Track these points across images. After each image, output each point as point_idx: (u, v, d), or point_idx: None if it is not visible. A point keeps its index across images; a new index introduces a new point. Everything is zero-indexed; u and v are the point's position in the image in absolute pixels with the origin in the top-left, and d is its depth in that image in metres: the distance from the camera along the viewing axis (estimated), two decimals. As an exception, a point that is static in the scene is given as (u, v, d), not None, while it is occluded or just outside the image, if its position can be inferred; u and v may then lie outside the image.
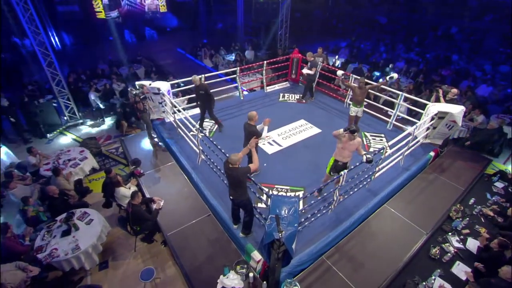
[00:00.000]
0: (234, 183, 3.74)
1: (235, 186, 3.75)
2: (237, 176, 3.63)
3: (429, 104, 6.01)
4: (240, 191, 3.76)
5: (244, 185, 3.74)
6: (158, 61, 11.74)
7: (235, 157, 3.61)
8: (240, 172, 3.63)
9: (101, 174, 6.57)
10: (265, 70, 8.57)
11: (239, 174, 3.63)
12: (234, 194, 3.81)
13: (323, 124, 7.07)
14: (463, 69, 11.21)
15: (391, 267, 4.04)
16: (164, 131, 6.79)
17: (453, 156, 6.40)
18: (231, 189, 3.83)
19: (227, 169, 3.69)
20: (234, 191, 3.80)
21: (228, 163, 3.65)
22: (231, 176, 3.68)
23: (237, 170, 3.63)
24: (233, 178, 3.68)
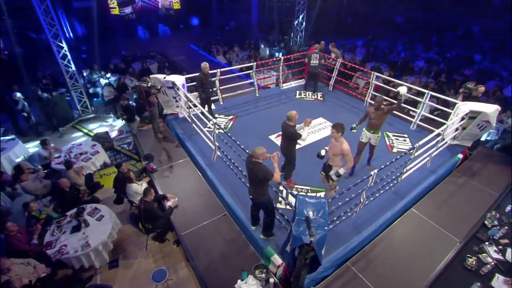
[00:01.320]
0: (254, 180, 3.47)
1: (255, 184, 3.49)
2: (257, 172, 3.36)
3: (459, 103, 5.61)
4: (260, 190, 3.49)
5: (264, 185, 3.47)
6: (171, 57, 11.61)
7: (259, 150, 3.35)
8: (261, 169, 3.36)
9: (112, 169, 6.42)
10: (281, 66, 8.31)
11: (260, 171, 3.35)
12: (254, 193, 3.55)
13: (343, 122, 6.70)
14: (488, 69, 10.67)
15: (423, 277, 3.69)
16: (177, 127, 6.59)
17: (483, 159, 5.97)
18: (251, 187, 3.57)
19: (249, 162, 3.43)
20: (254, 190, 3.53)
21: (251, 157, 3.40)
22: (252, 171, 3.41)
23: (259, 166, 3.36)
24: (254, 174, 3.41)
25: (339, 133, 3.82)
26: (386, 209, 4.51)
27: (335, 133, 3.83)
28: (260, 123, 6.74)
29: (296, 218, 2.86)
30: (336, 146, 3.88)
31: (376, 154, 5.79)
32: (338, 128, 3.82)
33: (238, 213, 4.37)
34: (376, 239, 4.20)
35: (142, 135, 6.69)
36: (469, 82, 5.77)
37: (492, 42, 13.93)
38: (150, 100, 5.94)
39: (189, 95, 5.80)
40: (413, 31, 15.87)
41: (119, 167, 5.06)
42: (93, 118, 8.47)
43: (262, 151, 3.35)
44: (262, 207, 3.66)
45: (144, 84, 5.79)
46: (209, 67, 6.30)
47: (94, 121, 8.38)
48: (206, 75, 6.33)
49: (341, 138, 3.86)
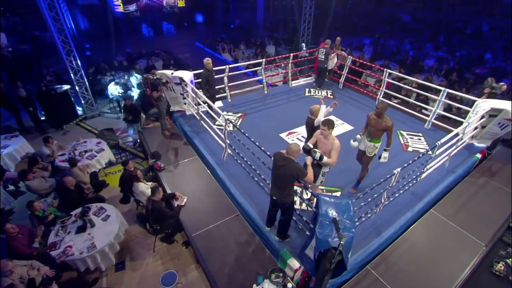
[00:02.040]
0: (282, 179, 3.24)
1: (282, 184, 3.26)
2: (288, 170, 3.15)
3: (479, 100, 5.40)
4: (286, 191, 3.26)
5: (292, 185, 3.27)
6: (176, 54, 11.45)
7: (295, 146, 3.15)
8: (294, 167, 3.15)
9: (118, 167, 6.24)
10: (290, 63, 8.12)
11: (292, 169, 3.14)
12: (279, 195, 3.30)
13: (355, 121, 6.52)
14: (500, 67, 10.44)
15: (448, 283, 3.49)
16: (185, 124, 6.40)
17: (502, 158, 5.74)
18: (276, 187, 3.32)
19: (280, 159, 3.21)
20: (280, 191, 3.28)
21: (280, 153, 3.21)
22: (282, 168, 3.18)
23: (291, 163, 3.15)
24: (283, 172, 3.18)
25: (330, 129, 3.61)
26: (405, 209, 4.32)
27: (326, 130, 3.59)
28: (269, 121, 6.55)
29: (320, 220, 2.67)
30: (327, 144, 3.66)
31: (391, 153, 5.59)
32: (329, 125, 3.60)
33: (252, 213, 4.18)
34: (396, 242, 3.99)
35: (148, 132, 6.50)
36: (490, 80, 5.53)
37: (502, 41, 13.69)
38: (154, 95, 5.75)
39: (198, 91, 5.61)
40: (420, 30, 15.63)
41: (126, 164, 4.88)
42: (98, 115, 8.30)
43: (298, 148, 3.16)
44: (283, 209, 3.44)
45: (151, 76, 5.61)
46: (212, 63, 6.15)
47: (99, 119, 8.21)
48: (210, 71, 6.17)
49: (332, 135, 3.67)
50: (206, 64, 6.11)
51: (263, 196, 4.42)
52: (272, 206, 3.58)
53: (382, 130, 4.09)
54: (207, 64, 6.11)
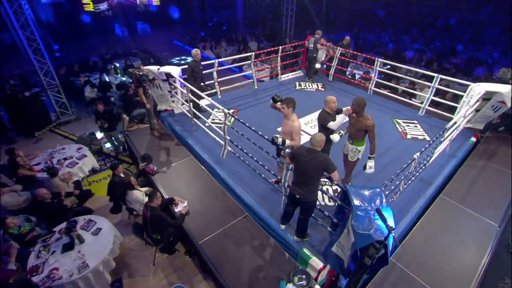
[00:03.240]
0: (309, 175, 2.95)
1: (309, 180, 2.97)
2: (318, 162, 2.88)
3: (472, 84, 5.47)
4: (312, 187, 2.99)
5: (319, 180, 3.00)
6: (155, 53, 10.83)
7: (320, 137, 2.89)
8: (323, 159, 2.89)
9: (103, 174, 5.67)
10: (279, 57, 7.90)
11: (322, 160, 2.88)
12: (304, 193, 3.00)
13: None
14: (474, 56, 10.95)
15: (473, 266, 3.40)
16: (175, 124, 5.94)
17: (494, 141, 5.88)
18: (301, 185, 3.01)
19: (303, 153, 2.93)
20: (305, 188, 2.99)
21: (302, 147, 2.97)
22: (310, 162, 2.90)
23: (319, 156, 2.89)
24: (312, 165, 2.89)
25: (289, 108, 3.45)
26: (417, 197, 4.22)
27: (286, 109, 3.44)
28: (263, 116, 6.25)
29: (354, 213, 2.41)
30: (287, 124, 3.51)
31: (390, 142, 5.54)
32: (288, 103, 3.44)
33: (262, 213, 3.86)
34: (414, 231, 3.86)
35: (135, 135, 5.96)
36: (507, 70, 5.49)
37: (470, 34, 14.47)
38: (139, 92, 5.25)
39: (189, 85, 5.19)
40: (395, 24, 16.15)
41: (115, 169, 4.37)
42: (75, 120, 7.55)
43: (323, 138, 2.90)
44: (306, 208, 3.14)
45: (138, 71, 5.12)
46: (200, 54, 5.80)
47: (76, 124, 7.46)
48: (197, 62, 5.80)
49: (293, 115, 3.49)
50: (194, 55, 5.72)
51: (272, 193, 4.14)
52: (291, 203, 3.28)
53: (363, 131, 3.55)
54: (195, 55, 5.72)
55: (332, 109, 3.81)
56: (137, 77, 5.17)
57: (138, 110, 7.04)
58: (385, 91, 7.44)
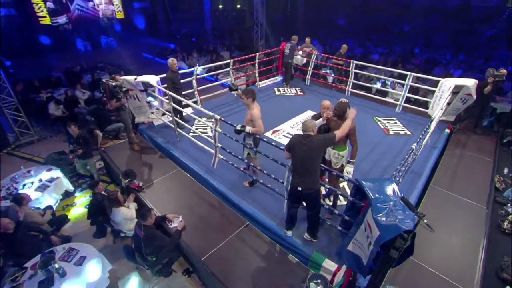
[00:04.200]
0: (308, 161, 2.89)
1: (309, 167, 2.90)
2: (315, 145, 2.85)
3: (442, 80, 5.87)
4: (313, 176, 2.92)
5: (319, 165, 2.93)
6: (124, 66, 10.30)
7: (310, 122, 2.88)
8: (318, 139, 2.87)
9: (78, 196, 5.09)
10: (257, 63, 7.91)
11: (317, 142, 2.86)
12: (304, 183, 2.92)
13: None
14: (431, 58, 11.94)
15: (474, 250, 3.51)
16: (156, 136, 5.58)
17: (465, 131, 6.31)
18: (301, 174, 2.95)
19: (299, 141, 2.91)
20: (305, 178, 2.92)
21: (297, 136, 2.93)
22: (306, 147, 2.86)
23: (314, 137, 2.88)
24: (309, 151, 2.86)
25: (248, 98, 3.69)
26: (412, 188, 4.32)
27: (245, 99, 3.70)
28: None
29: (374, 206, 2.35)
30: (248, 113, 3.75)
31: (375, 139, 5.71)
32: (247, 93, 3.69)
33: (264, 220, 3.67)
34: (414, 221, 3.92)
35: (112, 150, 5.48)
36: (492, 70, 5.81)
37: (423, 39, 15.83)
38: (112, 104, 4.87)
39: (172, 94, 4.92)
40: (356, 31, 17.18)
41: (95, 186, 3.93)
42: (38, 140, 6.78)
43: (313, 123, 2.88)
44: (310, 199, 3.05)
45: (111, 82, 4.74)
46: (176, 64, 5.60)
47: (40, 144, 6.69)
48: (175, 72, 5.58)
49: (253, 104, 3.72)
50: (171, 65, 5.47)
51: (272, 198, 3.97)
52: (294, 202, 3.16)
53: (345, 135, 3.35)
54: (172, 65, 5.47)
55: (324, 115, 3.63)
56: (110, 88, 4.79)
57: (113, 125, 6.54)
58: (361, 91, 7.76)
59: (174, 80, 5.44)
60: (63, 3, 11.93)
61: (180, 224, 3.70)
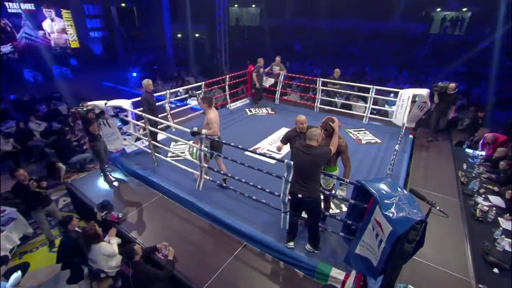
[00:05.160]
0: (308, 172, 2.90)
1: (309, 177, 2.90)
2: (316, 157, 2.85)
3: (400, 91, 6.50)
4: (314, 184, 2.92)
5: (320, 174, 2.93)
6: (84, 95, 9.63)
7: (315, 131, 2.86)
8: (321, 152, 2.87)
9: (39, 240, 4.41)
10: (227, 85, 8.02)
11: (320, 155, 2.86)
12: (305, 191, 2.91)
13: None
14: (382, 76, 13.35)
15: (460, 240, 3.75)
16: (130, 164, 5.19)
17: (423, 135, 6.93)
18: (301, 183, 2.93)
19: (301, 149, 2.91)
20: (306, 185, 2.91)
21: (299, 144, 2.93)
22: (308, 160, 2.86)
23: (317, 149, 2.88)
24: (312, 159, 2.86)
25: (205, 104, 4.02)
26: (394, 190, 4.54)
27: (202, 104, 4.08)
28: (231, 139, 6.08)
29: (382, 202, 2.40)
30: (205, 117, 4.07)
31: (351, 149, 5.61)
32: (203, 99, 4.05)
33: (262, 238, 3.53)
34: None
35: (81, 183, 4.92)
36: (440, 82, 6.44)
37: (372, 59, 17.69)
38: (91, 130, 4.49)
39: (150, 116, 4.69)
40: (312, 55, 18.60)
41: (69, 222, 3.45)
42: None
43: (318, 132, 2.89)
44: (311, 207, 3.02)
45: (81, 109, 4.39)
46: (152, 85, 5.43)
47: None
48: (150, 93, 5.41)
49: (209, 109, 4.03)
50: (146, 85, 5.29)
51: (266, 214, 3.88)
52: (295, 210, 3.12)
53: (336, 153, 3.25)
54: (147, 86, 5.29)
55: (300, 129, 3.61)
56: (81, 115, 4.42)
57: (78, 156, 5.97)
58: (328, 107, 8.22)
59: (149, 101, 5.23)
60: (8, 31, 11.04)
61: (170, 252, 3.37)
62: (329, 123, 3.23)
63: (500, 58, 12.48)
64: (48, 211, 4.32)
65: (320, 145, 3.22)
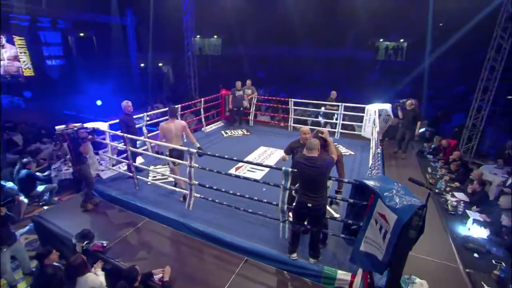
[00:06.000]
0: (316, 183, 2.96)
1: (317, 187, 2.97)
2: (322, 168, 2.93)
3: (367, 106, 7.17)
4: (321, 191, 3.00)
5: (326, 182, 3.02)
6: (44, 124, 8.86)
7: (314, 141, 2.96)
8: (325, 163, 2.95)
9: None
10: (202, 108, 8.10)
11: (324, 166, 2.94)
12: (314, 200, 2.97)
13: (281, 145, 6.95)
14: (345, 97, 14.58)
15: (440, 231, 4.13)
16: (109, 190, 4.83)
17: (388, 147, 7.60)
18: (309, 194, 2.97)
19: (307, 163, 2.94)
20: (314, 195, 2.96)
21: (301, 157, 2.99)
22: (312, 169, 2.92)
23: (319, 160, 2.95)
24: (316, 175, 2.94)
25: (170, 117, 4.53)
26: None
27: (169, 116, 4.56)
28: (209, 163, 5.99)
29: (382, 195, 2.59)
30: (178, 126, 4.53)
31: None
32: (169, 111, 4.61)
33: (264, 251, 3.48)
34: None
35: (51, 215, 4.39)
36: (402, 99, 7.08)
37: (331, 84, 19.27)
38: (82, 150, 4.18)
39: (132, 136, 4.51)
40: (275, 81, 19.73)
41: (47, 256, 3.05)
42: None
43: (317, 142, 2.99)
44: (318, 215, 3.07)
45: (70, 130, 4.10)
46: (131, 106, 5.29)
47: None
48: (129, 115, 5.26)
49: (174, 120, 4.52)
50: (125, 107, 5.11)
51: (263, 227, 3.85)
52: (300, 219, 3.16)
53: None
54: (126, 107, 5.12)
55: (303, 141, 3.64)
56: (71, 135, 4.15)
57: (43, 187, 5.40)
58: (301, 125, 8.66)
59: (128, 123, 5.04)
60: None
61: (166, 272, 3.13)
62: (318, 135, 3.35)
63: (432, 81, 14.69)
64: (15, 250, 3.75)
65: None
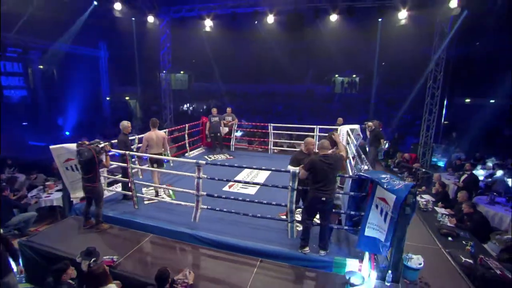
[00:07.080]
0: (330, 177, 3.38)
1: (330, 182, 3.39)
2: (335, 164, 3.38)
3: (339, 127, 8.08)
4: (333, 186, 3.45)
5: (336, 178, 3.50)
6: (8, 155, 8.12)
7: (326, 141, 3.44)
8: (337, 159, 3.44)
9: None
10: (186, 134, 8.32)
11: (337, 162, 3.42)
12: (328, 193, 3.37)
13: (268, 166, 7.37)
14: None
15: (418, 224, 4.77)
16: (107, 211, 4.68)
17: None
18: (323, 188, 3.35)
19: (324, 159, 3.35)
20: (327, 189, 3.36)
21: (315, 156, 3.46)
22: (328, 167, 3.34)
23: (332, 157, 3.40)
24: (330, 170, 3.35)
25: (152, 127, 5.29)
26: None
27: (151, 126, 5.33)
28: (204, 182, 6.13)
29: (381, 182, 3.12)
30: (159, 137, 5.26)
31: None
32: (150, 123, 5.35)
33: (277, 251, 3.72)
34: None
35: (43, 238, 4.07)
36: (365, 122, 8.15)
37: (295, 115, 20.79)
38: (106, 164, 4.20)
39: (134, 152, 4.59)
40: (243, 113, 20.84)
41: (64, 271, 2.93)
42: None
43: (328, 142, 3.49)
44: (329, 208, 3.48)
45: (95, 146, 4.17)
46: (130, 127, 5.41)
47: None
48: (127, 135, 5.34)
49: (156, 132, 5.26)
50: (124, 127, 5.14)
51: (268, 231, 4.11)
52: (312, 214, 3.53)
53: None
54: (125, 128, 5.16)
55: (308, 151, 4.06)
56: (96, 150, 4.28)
57: (19, 216, 5.01)
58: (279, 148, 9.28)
59: (126, 143, 5.09)
60: None
61: (190, 277, 3.17)
62: (332, 136, 4.20)
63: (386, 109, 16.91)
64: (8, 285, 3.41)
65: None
